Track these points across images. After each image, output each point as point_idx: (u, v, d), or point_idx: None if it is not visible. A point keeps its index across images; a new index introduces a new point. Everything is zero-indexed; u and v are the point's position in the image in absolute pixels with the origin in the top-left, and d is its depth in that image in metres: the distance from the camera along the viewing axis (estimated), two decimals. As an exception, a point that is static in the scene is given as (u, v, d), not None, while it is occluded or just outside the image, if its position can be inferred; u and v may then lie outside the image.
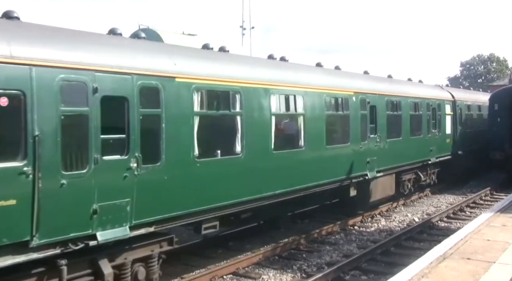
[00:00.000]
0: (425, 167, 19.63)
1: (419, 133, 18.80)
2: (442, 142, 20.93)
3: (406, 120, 17.76)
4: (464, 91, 27.47)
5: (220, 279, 10.43)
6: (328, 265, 11.30)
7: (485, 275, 7.32)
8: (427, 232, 14.85)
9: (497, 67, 77.91)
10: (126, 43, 8.72)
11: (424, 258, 8.20)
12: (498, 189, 22.08)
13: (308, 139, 12.22)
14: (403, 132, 17.45)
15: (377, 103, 15.68)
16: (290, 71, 12.57)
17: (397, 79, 19.21)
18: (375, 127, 15.55)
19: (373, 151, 15.28)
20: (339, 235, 14.22)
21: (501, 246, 8.95)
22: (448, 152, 21.53)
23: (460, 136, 22.69)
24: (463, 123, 23.30)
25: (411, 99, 18.28)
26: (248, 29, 43.03)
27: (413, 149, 18.23)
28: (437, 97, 20.83)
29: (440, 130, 20.60)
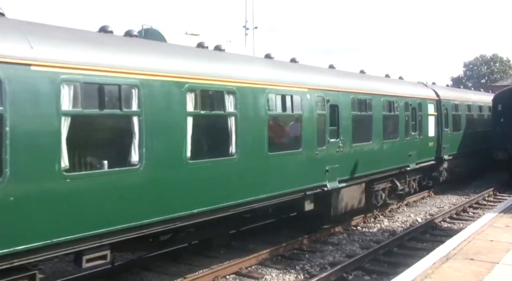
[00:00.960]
0: (404, 174, 17.57)
1: (395, 136, 16.60)
2: (424, 145, 18.87)
3: (378, 121, 15.45)
4: (452, 90, 25.08)
5: (223, 279, 10.43)
6: (331, 265, 11.30)
7: (489, 275, 7.31)
8: (430, 232, 14.82)
9: (500, 67, 77.72)
10: None
11: (427, 259, 8.19)
12: (501, 190, 22.02)
13: (241, 145, 9.89)
14: (374, 135, 15.18)
15: (340, 102, 13.40)
16: (218, 61, 10.17)
17: (369, 75, 16.83)
18: (336, 130, 13.27)
19: (334, 158, 13.06)
20: (342, 235, 14.21)
21: (505, 247, 8.93)
22: (431, 157, 19.64)
23: (446, 139, 20.72)
24: (450, 124, 21.33)
25: (385, 98, 15.98)
26: (251, 29, 43.01)
27: (388, 154, 15.99)
28: (418, 96, 18.64)
29: (421, 132, 18.53)
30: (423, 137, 18.76)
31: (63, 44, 7.19)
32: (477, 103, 25.40)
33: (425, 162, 18.91)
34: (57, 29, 7.64)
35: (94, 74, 7.30)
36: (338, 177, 13.22)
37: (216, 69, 9.66)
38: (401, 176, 17.48)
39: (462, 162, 23.15)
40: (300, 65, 13.23)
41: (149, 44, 9.21)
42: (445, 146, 20.61)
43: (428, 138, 19.26)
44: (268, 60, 12.13)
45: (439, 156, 20.14)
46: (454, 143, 21.67)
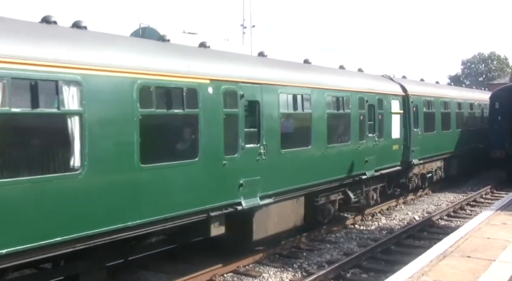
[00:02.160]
0: (360, 183, 14.98)
1: (345, 139, 13.97)
2: (386, 149, 16.19)
3: (320, 121, 12.69)
4: (424, 84, 21.34)
5: (221, 277, 10.45)
6: (329, 263, 11.33)
7: (485, 273, 7.33)
8: (428, 230, 14.87)
9: (497, 65, 77.86)
10: None
11: (425, 256, 8.21)
12: (499, 187, 22.10)
13: (93, 156, 7.27)
14: (314, 138, 12.45)
15: (262, 98, 10.68)
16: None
17: (311, 65, 14.05)
18: (257, 133, 10.56)
19: (252, 169, 10.36)
20: (339, 234, 14.24)
21: (501, 244, 8.95)
22: (397, 162, 16.94)
23: (416, 141, 18.06)
24: (420, 124, 18.65)
25: (331, 93, 13.13)
26: (249, 27, 42.98)
27: (335, 161, 13.36)
28: (378, 91, 15.83)
29: (382, 134, 15.84)
30: (385, 139, 16.04)
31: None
32: (457, 99, 22.89)
33: (388, 168, 16.29)
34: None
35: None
36: (259, 192, 10.49)
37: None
38: (356, 185, 14.81)
39: (438, 166, 20.97)
40: (205, 50, 10.47)
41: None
42: (415, 149, 17.93)
43: (391, 140, 16.53)
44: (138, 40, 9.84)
45: (407, 161, 17.54)
46: (426, 146, 18.91)
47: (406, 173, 18.11)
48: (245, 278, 10.50)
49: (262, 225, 10.98)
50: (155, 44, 9.38)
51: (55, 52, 6.98)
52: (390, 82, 17.73)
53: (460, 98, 23.65)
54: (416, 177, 18.90)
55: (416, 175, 18.88)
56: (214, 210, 9.53)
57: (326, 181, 13.04)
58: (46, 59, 6.78)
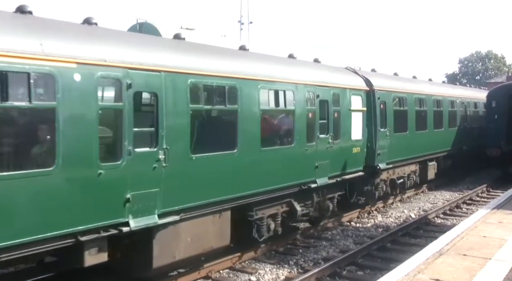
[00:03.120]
0: (310, 192, 12.72)
1: (287, 141, 11.84)
2: (344, 152, 13.95)
3: (251, 120, 10.40)
4: (395, 79, 18.75)
5: (217, 273, 10.44)
6: (325, 260, 11.35)
7: (481, 271, 7.34)
8: (424, 228, 14.89)
9: (494, 64, 78.04)
10: None
11: (421, 254, 8.21)
12: (495, 186, 22.14)
13: None
14: (241, 141, 10.14)
15: (164, 89, 8.45)
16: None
17: (243, 52, 11.65)
18: (155, 134, 8.40)
19: (146, 179, 8.16)
20: (335, 231, 14.25)
21: (497, 243, 8.97)
22: (358, 167, 14.82)
23: (383, 143, 15.86)
24: (389, 123, 16.43)
25: (266, 85, 10.93)
26: (246, 24, 42.91)
27: (272, 168, 11.09)
28: (334, 84, 13.50)
29: (338, 134, 13.59)
30: (342, 141, 13.81)
31: None
32: (436, 96, 20.54)
33: (347, 175, 14.14)
34: None
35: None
36: (158, 208, 8.35)
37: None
38: (306, 195, 12.67)
39: (412, 171, 18.92)
40: (76, 26, 8.20)
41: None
42: (381, 152, 15.69)
43: (351, 142, 14.36)
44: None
45: (371, 165, 15.40)
46: (396, 148, 16.72)
47: (372, 180, 15.87)
48: (241, 275, 10.49)
49: (167, 248, 8.73)
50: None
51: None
52: (351, 75, 15.35)
53: (440, 95, 21.22)
54: (384, 183, 16.73)
55: (384, 181, 16.73)
56: (87, 233, 7.38)
57: (262, 192, 10.82)
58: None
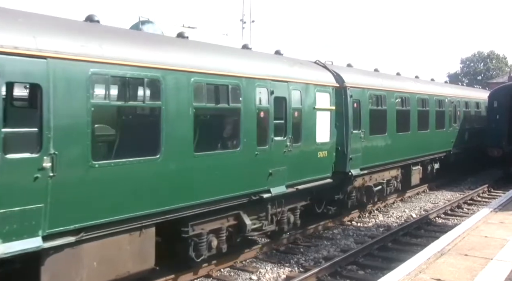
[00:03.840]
0: (264, 203, 11.01)
1: (231, 144, 10.23)
2: (306, 157, 12.24)
3: (180, 119, 8.70)
4: (375, 75, 16.85)
5: (218, 272, 10.44)
6: (326, 259, 11.34)
7: (483, 271, 7.34)
8: (425, 228, 14.88)
9: (496, 64, 77.97)
10: None
11: (422, 254, 8.22)
12: (496, 186, 22.12)
13: None
14: (166, 144, 8.44)
15: (51, 80, 6.82)
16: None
17: (182, 39, 10.01)
18: (38, 136, 6.71)
19: (23, 193, 6.51)
20: (336, 230, 14.25)
21: (499, 243, 8.97)
22: (325, 173, 13.11)
23: (356, 146, 14.18)
24: (364, 124, 14.70)
25: (201, 78, 9.10)
26: (248, 22, 42.87)
27: (211, 176, 9.40)
28: (294, 79, 11.81)
29: (298, 137, 11.86)
30: (304, 144, 12.05)
31: None
32: (421, 95, 18.86)
33: (311, 182, 12.42)
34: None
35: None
36: (44, 229, 6.70)
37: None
38: (258, 207, 11.00)
39: (393, 176, 17.26)
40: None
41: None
42: (355, 156, 14.02)
43: (315, 145, 12.64)
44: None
45: (342, 171, 13.71)
46: (373, 152, 15.19)
47: (344, 187, 14.22)
48: (242, 274, 10.50)
49: (63, 277, 7.20)
50: None
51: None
52: (318, 69, 13.51)
53: (426, 93, 19.50)
54: (358, 191, 15.13)
55: (358, 189, 15.10)
56: None
57: (199, 204, 9.17)
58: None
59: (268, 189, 10.91)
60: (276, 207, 11.51)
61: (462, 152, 22.89)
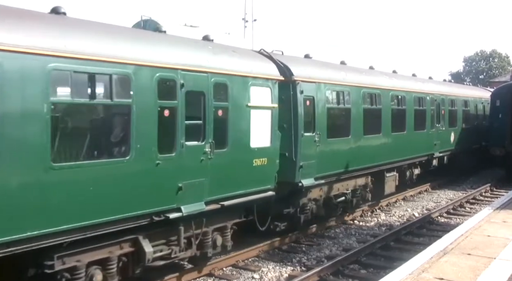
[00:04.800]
0: (176, 225, 8.88)
1: (118, 152, 7.95)
2: (237, 166, 10.00)
3: (31, 121, 6.55)
4: (335, 67, 14.26)
5: (220, 271, 10.44)
6: (328, 258, 11.34)
7: (486, 270, 7.32)
8: (427, 227, 14.85)
9: (499, 63, 77.87)
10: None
11: (425, 253, 8.20)
12: (498, 186, 22.08)
13: None
14: (3, 152, 6.30)
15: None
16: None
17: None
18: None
19: None
20: (338, 229, 14.24)
21: (502, 242, 8.94)
22: (265, 185, 10.74)
23: (309, 152, 11.99)
24: (320, 125, 12.39)
25: (72, 66, 7.01)
26: (250, 21, 42.86)
27: (85, 193, 7.25)
28: (217, 70, 9.47)
29: (224, 141, 9.63)
30: (232, 149, 9.76)
31: None
32: (395, 91, 16.51)
33: (243, 197, 10.12)
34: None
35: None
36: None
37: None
38: (166, 230, 8.84)
39: (361, 185, 15.02)
40: None
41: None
42: (306, 164, 11.84)
43: (250, 151, 10.28)
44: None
45: (291, 182, 11.64)
46: (332, 158, 13.02)
47: (294, 200, 12.13)
48: (244, 272, 10.49)
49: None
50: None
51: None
52: (256, 59, 11.07)
53: (403, 89, 17.13)
54: (315, 203, 12.93)
55: (314, 201, 12.89)
56: None
57: (67, 230, 7.01)
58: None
59: (178, 207, 8.66)
60: (193, 228, 9.30)
61: (447, 156, 21.07)
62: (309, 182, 12.10)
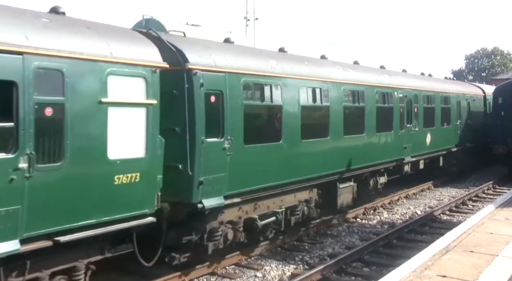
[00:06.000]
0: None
1: None
2: (82, 187, 7.23)
3: None
4: (259, 54, 11.48)
5: (223, 269, 10.46)
6: (331, 256, 11.34)
7: (488, 268, 7.33)
8: (429, 225, 14.86)
9: (501, 60, 77.67)
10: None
11: (427, 251, 8.22)
12: (501, 183, 22.06)
13: None
14: None
15: None
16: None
17: None
18: None
19: None
20: (341, 227, 14.24)
21: (504, 240, 8.95)
22: (139, 209, 8.09)
23: (217, 161, 9.42)
24: (231, 128, 9.66)
25: None
26: (252, 20, 42.87)
27: None
28: (51, 51, 6.80)
29: (58, 152, 6.90)
30: (73, 163, 7.09)
31: None
32: (349, 85, 13.80)
33: (103, 226, 7.53)
34: None
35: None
36: None
37: None
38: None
39: (304, 200, 12.36)
40: None
41: None
42: (210, 179, 9.19)
43: (107, 165, 7.61)
44: None
45: (187, 202, 9.02)
46: (253, 169, 10.26)
47: (200, 225, 9.43)
48: (247, 271, 10.51)
49: None
50: None
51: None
52: (123, 38, 8.38)
53: (360, 83, 14.41)
54: (231, 227, 10.11)
55: (231, 224, 10.13)
56: None
57: None
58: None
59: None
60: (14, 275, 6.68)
61: (424, 160, 18.92)
62: (215, 202, 9.26)
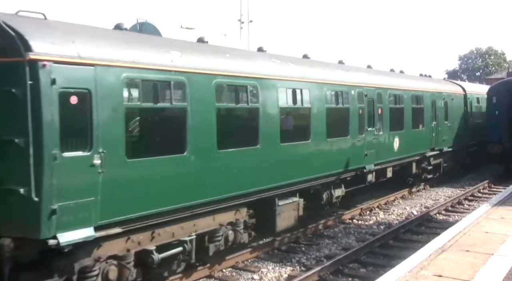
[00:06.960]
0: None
1: None
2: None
3: None
4: (156, 44, 8.83)
5: (220, 272, 10.45)
6: (327, 258, 11.35)
7: (484, 267, 7.34)
8: (426, 225, 14.89)
9: (495, 60, 78.04)
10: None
11: (423, 251, 8.21)
12: (496, 182, 22.13)
13: None
14: None
15: None
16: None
17: None
18: None
19: None
20: (337, 228, 14.25)
21: (500, 238, 8.96)
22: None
23: (82, 181, 7.00)
24: (108, 138, 7.24)
25: None
26: (246, 22, 42.92)
27: None
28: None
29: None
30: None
31: None
32: (290, 81, 11.51)
33: None
34: None
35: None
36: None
37: None
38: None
39: (228, 224, 10.11)
40: None
41: None
42: (67, 206, 6.76)
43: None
44: None
45: (34, 237, 6.58)
46: (142, 190, 7.93)
47: (63, 266, 7.08)
48: (244, 273, 10.50)
49: None
50: None
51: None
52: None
53: (308, 80, 12.17)
54: (115, 264, 7.77)
55: (116, 260, 7.79)
56: None
57: None
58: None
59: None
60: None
61: (391, 168, 16.81)
62: (79, 235, 6.89)
